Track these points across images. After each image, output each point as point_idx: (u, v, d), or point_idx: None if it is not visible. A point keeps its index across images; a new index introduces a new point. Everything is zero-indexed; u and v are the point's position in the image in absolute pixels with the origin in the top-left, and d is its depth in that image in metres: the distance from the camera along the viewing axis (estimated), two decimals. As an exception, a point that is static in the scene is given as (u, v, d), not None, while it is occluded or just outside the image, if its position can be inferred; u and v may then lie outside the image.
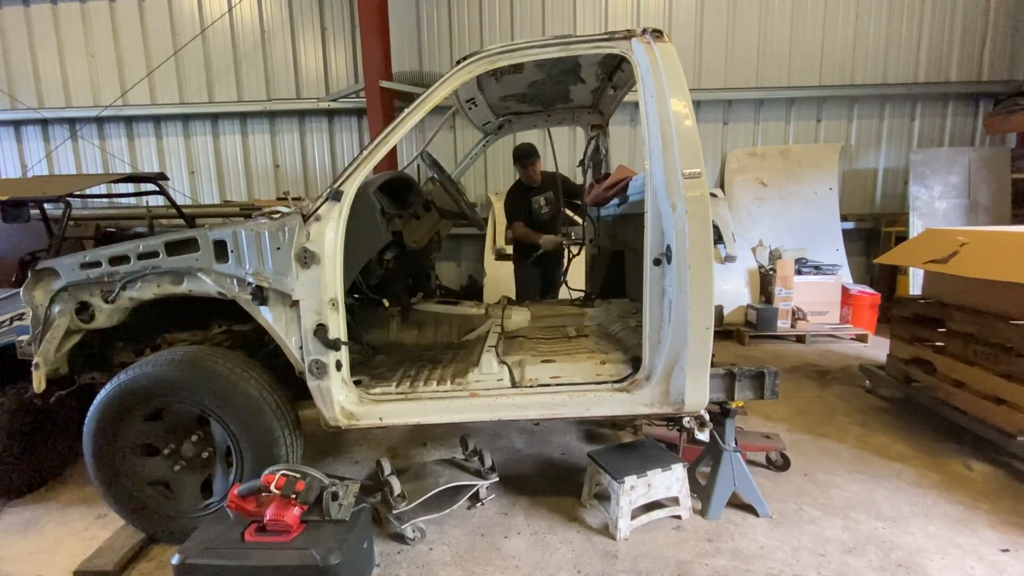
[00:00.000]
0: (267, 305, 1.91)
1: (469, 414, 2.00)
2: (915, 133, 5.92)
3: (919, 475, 2.47)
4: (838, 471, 2.51)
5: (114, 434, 1.94)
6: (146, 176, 4.14)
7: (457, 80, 1.92)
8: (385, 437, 2.94)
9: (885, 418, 3.11)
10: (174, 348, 2.01)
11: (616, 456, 2.22)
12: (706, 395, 1.94)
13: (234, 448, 1.94)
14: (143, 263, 1.96)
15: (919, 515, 2.17)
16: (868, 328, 4.89)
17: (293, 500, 1.63)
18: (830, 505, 2.24)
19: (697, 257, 1.81)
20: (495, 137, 3.31)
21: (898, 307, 3.30)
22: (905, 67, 5.75)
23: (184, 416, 1.96)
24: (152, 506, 2.01)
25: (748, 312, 4.97)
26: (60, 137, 6.23)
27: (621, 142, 5.86)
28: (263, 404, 1.91)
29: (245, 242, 1.88)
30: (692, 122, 1.84)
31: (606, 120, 3.23)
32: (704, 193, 1.82)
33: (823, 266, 5.06)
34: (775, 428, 2.94)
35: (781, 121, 5.97)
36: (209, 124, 6.20)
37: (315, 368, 1.89)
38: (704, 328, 1.85)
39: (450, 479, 2.15)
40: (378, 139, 1.90)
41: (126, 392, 1.90)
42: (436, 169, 2.49)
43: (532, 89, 2.75)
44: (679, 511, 2.15)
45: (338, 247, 1.87)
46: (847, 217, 5.79)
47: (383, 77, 5.42)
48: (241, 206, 5.62)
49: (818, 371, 3.99)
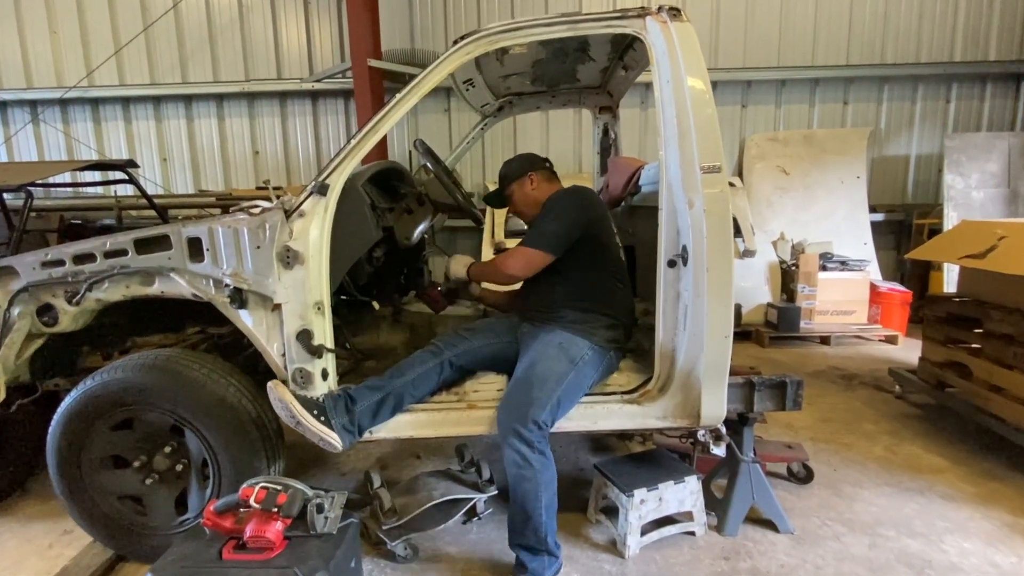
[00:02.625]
0: (246, 308, 1.90)
1: (466, 427, 1.99)
2: (950, 117, 5.91)
3: (953, 488, 2.48)
4: (865, 484, 2.52)
5: (80, 445, 1.94)
6: (114, 163, 4.12)
7: (454, 62, 1.91)
8: (375, 447, 2.94)
9: (916, 426, 3.12)
10: (145, 352, 2.00)
11: (625, 468, 2.22)
12: (724, 408, 1.94)
13: (210, 460, 1.93)
14: (110, 262, 1.95)
15: (953, 531, 2.17)
16: (898, 329, 4.90)
17: (275, 514, 1.62)
18: (856, 520, 2.25)
19: (716, 259, 1.81)
20: (494, 120, 3.29)
21: (931, 306, 3.30)
22: (940, 45, 5.73)
23: (156, 426, 1.95)
24: (122, 522, 2.01)
25: (768, 311, 4.98)
26: (20, 121, 6.21)
27: (631, 127, 5.84)
28: (242, 413, 1.91)
29: (222, 240, 1.87)
30: (712, 110, 1.83)
31: (616, 102, 3.21)
32: (724, 189, 1.80)
33: (850, 261, 5.05)
34: (797, 437, 2.94)
35: (805, 104, 5.96)
36: (182, 107, 6.18)
37: (299, 377, 1.88)
38: (723, 336, 1.85)
39: (445, 492, 2.14)
40: (367, 127, 1.89)
41: (93, 400, 1.90)
42: (430, 158, 2.48)
43: (536, 68, 2.74)
44: (693, 527, 2.16)
45: (324, 246, 1.86)
46: (876, 208, 5.79)
47: (372, 56, 5.39)
48: (217, 196, 5.60)
49: (844, 375, 4.00)
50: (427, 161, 2.53)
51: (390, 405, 1.92)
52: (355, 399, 1.89)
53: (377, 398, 1.90)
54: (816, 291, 4.82)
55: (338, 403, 1.87)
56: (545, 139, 6.10)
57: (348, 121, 6.13)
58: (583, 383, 1.97)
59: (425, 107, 6.02)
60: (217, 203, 5.38)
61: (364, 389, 1.92)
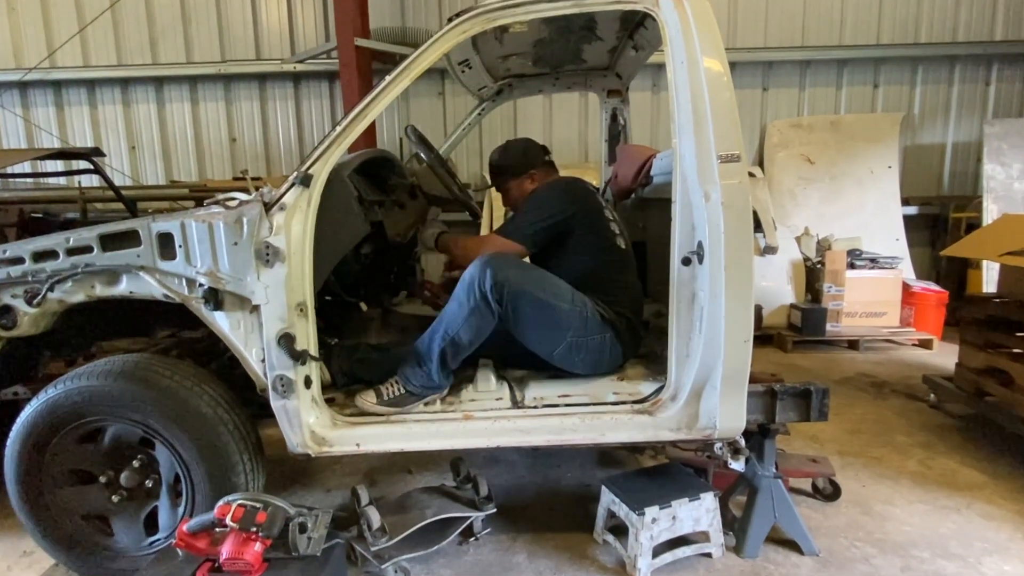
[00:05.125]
0: (222, 310, 1.90)
1: (462, 439, 1.99)
2: (990, 101, 5.92)
3: (993, 505, 2.48)
4: (897, 501, 2.52)
5: (41, 458, 1.94)
6: (78, 152, 4.14)
7: (448, 42, 1.91)
8: (363, 461, 2.95)
9: (953, 438, 3.12)
10: (112, 357, 2.00)
11: (635, 483, 2.22)
12: (742, 419, 1.94)
13: (183, 476, 1.93)
14: (74, 260, 1.95)
15: (993, 553, 2.17)
16: (933, 332, 4.89)
17: (253, 534, 1.62)
18: (887, 541, 2.25)
19: (734, 256, 1.81)
20: (492, 104, 3.30)
21: (969, 307, 3.30)
22: (979, 22, 5.73)
23: (124, 438, 1.95)
24: (87, 543, 2.00)
25: (791, 313, 4.98)
26: (-25, 105, 6.23)
27: (641, 112, 5.85)
28: (218, 424, 1.91)
29: (195, 235, 1.87)
30: (730, 94, 1.83)
31: (625, 85, 3.21)
32: (743, 181, 1.81)
33: (880, 259, 5.05)
34: (823, 450, 2.94)
35: (831, 86, 5.97)
36: (153, 90, 6.19)
37: (280, 385, 1.88)
38: (742, 340, 1.85)
39: (439, 510, 2.14)
40: (354, 112, 1.89)
41: (55, 409, 1.90)
42: (422, 146, 2.48)
43: (538, 48, 2.74)
44: (709, 548, 2.15)
45: (307, 242, 1.86)
46: (909, 201, 5.79)
47: (359, 34, 5.40)
48: (191, 187, 5.60)
49: (874, 383, 4.00)
50: (419, 149, 2.53)
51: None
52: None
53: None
54: (843, 291, 4.81)
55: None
56: (548, 125, 6.09)
57: (333, 106, 6.14)
58: (570, 323, 2.00)
59: (417, 90, 6.02)
60: (190, 195, 5.38)
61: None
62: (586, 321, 2.04)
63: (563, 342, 2.02)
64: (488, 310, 1.92)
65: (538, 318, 1.97)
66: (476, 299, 1.90)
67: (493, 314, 1.93)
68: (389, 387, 2.01)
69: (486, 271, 1.89)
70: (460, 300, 1.94)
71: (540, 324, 1.98)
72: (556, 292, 2.00)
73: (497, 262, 1.92)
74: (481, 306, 1.91)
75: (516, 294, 1.91)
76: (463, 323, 1.93)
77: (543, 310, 1.96)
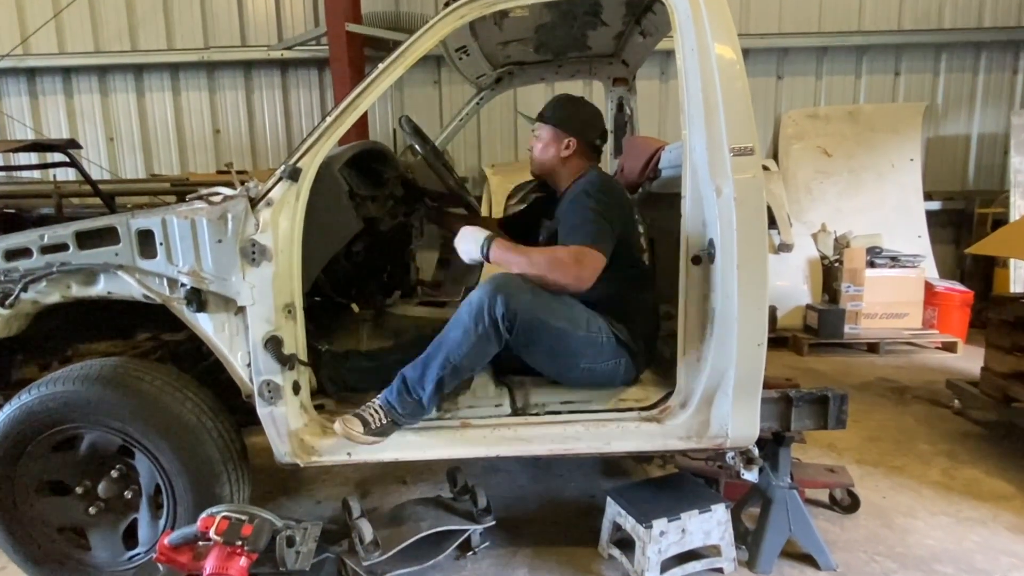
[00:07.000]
0: (206, 312, 1.90)
1: (459, 449, 1.99)
2: (1018, 90, 5.92)
3: (1021, 518, 2.48)
4: (919, 512, 2.52)
5: (14, 468, 1.94)
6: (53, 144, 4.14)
7: (445, 28, 1.91)
8: (354, 472, 2.95)
9: (978, 446, 3.12)
10: (89, 361, 2.01)
11: (642, 494, 2.22)
12: (756, 427, 1.94)
13: (164, 486, 1.94)
14: (48, 258, 1.95)
15: (1020, 568, 2.17)
16: (958, 334, 4.90)
17: (238, 548, 1.63)
18: (909, 555, 2.25)
19: (747, 254, 1.81)
20: (491, 93, 3.30)
21: (995, 308, 3.30)
22: (1006, 6, 5.73)
23: (101, 446, 1.95)
24: (62, 558, 2.00)
25: (807, 314, 4.98)
26: (-56, 94, 6.22)
27: (649, 101, 5.85)
28: (201, 431, 1.91)
29: (177, 232, 1.87)
30: (743, 83, 1.83)
31: (632, 73, 3.22)
32: (757, 174, 1.81)
33: (902, 257, 5.06)
34: (841, 460, 2.94)
35: (850, 75, 5.97)
36: (132, 78, 6.19)
37: (267, 391, 1.88)
38: (755, 344, 1.85)
39: (434, 523, 2.15)
40: (345, 102, 1.89)
41: (29, 416, 1.90)
42: (417, 138, 2.48)
43: (540, 34, 2.74)
44: (721, 563, 2.15)
45: (295, 239, 1.86)
46: (932, 195, 5.80)
47: (350, 19, 5.40)
48: (172, 181, 5.60)
49: (895, 388, 4.00)
50: (414, 141, 2.53)
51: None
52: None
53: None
54: (863, 291, 4.82)
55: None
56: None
57: (323, 95, 6.14)
58: (584, 350, 1.97)
59: (412, 79, 6.02)
60: (172, 190, 5.38)
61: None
62: (601, 347, 2.00)
63: (576, 369, 2.01)
64: (497, 337, 1.86)
65: (551, 346, 1.94)
66: (485, 326, 1.84)
67: (501, 341, 1.88)
68: (375, 414, 1.92)
69: (497, 297, 1.82)
70: (466, 326, 1.86)
71: (553, 352, 1.96)
72: (570, 318, 1.95)
73: (509, 287, 1.85)
74: (490, 333, 1.85)
75: (529, 322, 1.86)
76: (468, 350, 1.86)
77: (557, 339, 1.92)
